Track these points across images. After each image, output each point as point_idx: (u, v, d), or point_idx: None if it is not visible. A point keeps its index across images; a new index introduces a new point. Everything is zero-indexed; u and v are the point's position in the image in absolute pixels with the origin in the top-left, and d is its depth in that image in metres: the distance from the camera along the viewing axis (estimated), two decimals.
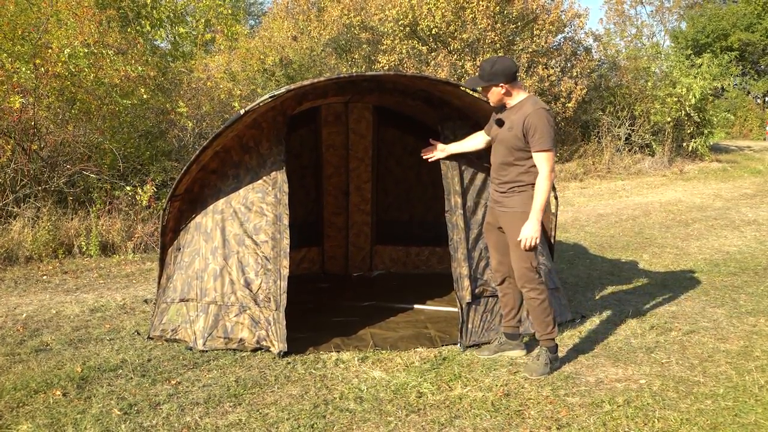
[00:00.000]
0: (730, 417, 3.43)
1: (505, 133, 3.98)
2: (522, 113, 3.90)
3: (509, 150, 3.97)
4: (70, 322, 5.09)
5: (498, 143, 4.07)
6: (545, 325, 4.01)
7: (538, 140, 3.83)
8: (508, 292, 4.25)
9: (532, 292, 3.99)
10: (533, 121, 3.83)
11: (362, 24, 16.49)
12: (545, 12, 16.47)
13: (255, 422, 3.36)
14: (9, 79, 7.78)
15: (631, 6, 31.32)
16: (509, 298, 4.25)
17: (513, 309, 4.26)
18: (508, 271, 4.17)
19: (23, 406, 3.55)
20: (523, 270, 3.97)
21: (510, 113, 3.99)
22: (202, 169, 4.69)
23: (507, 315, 4.30)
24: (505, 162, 4.02)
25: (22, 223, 7.40)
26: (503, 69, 3.93)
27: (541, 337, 4.05)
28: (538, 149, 3.84)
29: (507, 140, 3.96)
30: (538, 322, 4.03)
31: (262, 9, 30.79)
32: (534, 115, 3.84)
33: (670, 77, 17.95)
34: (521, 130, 3.87)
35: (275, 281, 4.35)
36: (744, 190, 13.70)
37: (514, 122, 3.93)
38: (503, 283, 4.25)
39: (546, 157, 3.84)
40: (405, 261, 6.95)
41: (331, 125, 6.67)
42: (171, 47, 12.36)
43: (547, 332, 4.02)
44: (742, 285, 6.15)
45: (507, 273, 4.18)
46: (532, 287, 3.98)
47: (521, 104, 3.96)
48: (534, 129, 3.82)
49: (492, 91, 4.00)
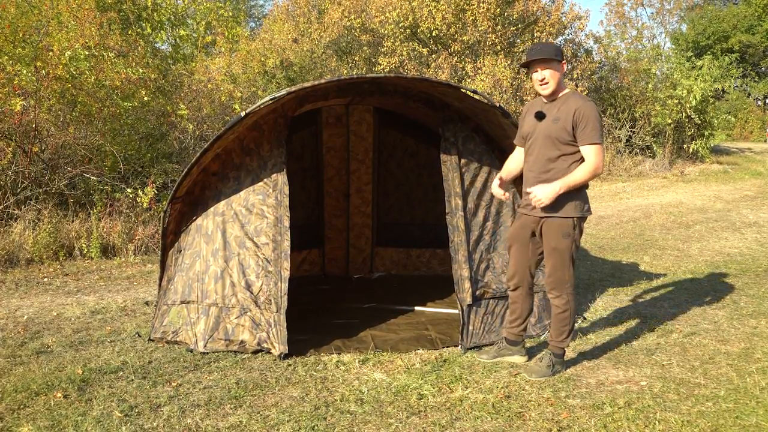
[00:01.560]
0: (731, 419, 3.42)
1: (550, 126, 3.77)
2: (570, 105, 3.74)
3: (553, 144, 3.76)
4: (71, 324, 5.10)
5: (537, 138, 3.84)
6: (560, 333, 3.96)
7: (590, 133, 3.68)
8: (517, 302, 4.13)
9: (559, 300, 3.90)
10: (585, 113, 3.68)
11: (363, 26, 16.52)
12: (546, 14, 16.50)
13: (256, 424, 3.36)
14: (10, 81, 7.79)
15: (631, 8, 31.38)
16: (518, 306, 4.14)
17: (519, 318, 4.15)
18: (522, 279, 4.05)
19: (24, 408, 3.55)
20: (556, 276, 3.86)
21: (553, 106, 3.82)
22: (203, 171, 4.70)
23: (512, 322, 4.19)
24: (548, 157, 3.79)
25: (23, 225, 7.41)
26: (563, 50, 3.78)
27: (552, 342, 4.01)
28: (590, 141, 3.69)
29: (553, 133, 3.75)
30: (555, 329, 3.97)
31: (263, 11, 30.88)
32: (586, 107, 3.70)
33: (671, 79, 17.96)
34: (570, 122, 3.70)
35: (276, 283, 4.35)
36: (745, 192, 13.69)
37: (561, 114, 3.75)
38: (516, 291, 4.12)
39: (597, 150, 3.69)
40: (405, 263, 6.95)
41: (331, 127, 6.67)
42: (172, 49, 12.37)
43: (560, 340, 3.97)
44: (743, 287, 6.15)
45: (521, 283, 4.06)
46: (560, 295, 3.89)
47: (567, 96, 3.81)
48: (586, 121, 3.68)
49: (555, 71, 3.76)
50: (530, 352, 4.30)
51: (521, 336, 4.21)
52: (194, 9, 12.16)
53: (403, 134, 6.81)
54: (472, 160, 4.79)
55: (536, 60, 3.77)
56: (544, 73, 3.77)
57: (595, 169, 3.71)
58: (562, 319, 3.93)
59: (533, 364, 4.03)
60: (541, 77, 3.79)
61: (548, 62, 3.76)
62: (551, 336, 4.02)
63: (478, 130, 4.93)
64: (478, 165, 4.77)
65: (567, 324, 3.94)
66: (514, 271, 4.09)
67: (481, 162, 4.79)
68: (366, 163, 6.80)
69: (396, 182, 6.96)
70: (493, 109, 4.59)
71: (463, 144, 4.81)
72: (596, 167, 3.71)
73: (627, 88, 18.26)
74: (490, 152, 4.86)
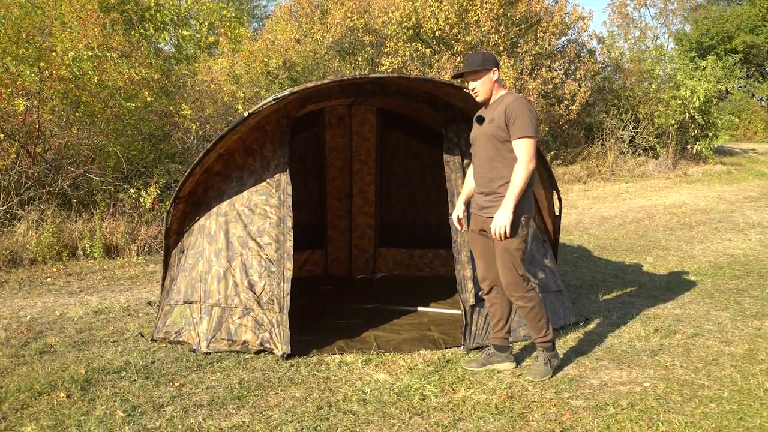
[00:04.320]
0: (734, 420, 3.41)
1: (487, 127, 3.85)
2: (503, 104, 3.81)
3: (492, 143, 3.83)
4: (74, 324, 5.10)
5: (480, 141, 3.92)
6: (539, 329, 3.95)
7: (519, 126, 3.72)
8: (496, 303, 4.10)
9: (521, 301, 3.89)
10: (515, 108, 3.74)
11: (365, 26, 16.52)
12: (549, 14, 16.48)
13: (258, 424, 3.36)
14: (13, 82, 7.81)
15: (635, 8, 31.33)
16: (496, 308, 4.12)
17: (501, 320, 4.12)
18: (494, 279, 4.03)
19: (27, 407, 3.55)
20: (510, 279, 3.85)
21: (490, 109, 3.89)
22: (206, 172, 4.70)
23: (495, 326, 4.16)
24: (488, 157, 3.87)
25: (26, 225, 7.42)
26: (492, 57, 3.91)
27: (537, 341, 4.00)
28: (519, 135, 3.72)
29: (489, 133, 3.83)
30: (532, 327, 3.98)
31: (266, 12, 30.90)
32: (516, 103, 3.76)
33: (674, 80, 17.94)
34: (503, 119, 3.76)
35: (279, 283, 4.35)
36: (748, 192, 13.66)
37: (495, 114, 3.82)
38: (490, 293, 4.10)
39: (526, 144, 3.71)
40: (408, 264, 6.95)
41: (334, 128, 6.68)
42: (175, 50, 12.41)
43: (542, 335, 3.97)
44: (747, 288, 6.13)
45: (494, 281, 4.05)
46: (521, 295, 3.88)
47: (502, 98, 3.88)
48: (515, 115, 3.72)
49: (484, 80, 3.87)
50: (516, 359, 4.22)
51: (507, 339, 4.17)
52: (197, 10, 12.19)
53: (406, 135, 6.81)
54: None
55: (467, 72, 3.92)
56: (473, 83, 3.93)
57: (527, 165, 3.69)
58: (534, 315, 3.92)
59: (532, 365, 4.00)
60: (471, 87, 3.97)
61: (475, 73, 3.89)
62: (533, 335, 4.02)
63: None
64: None
65: (541, 318, 3.93)
66: (484, 273, 4.08)
67: None
68: (369, 163, 6.80)
69: (398, 183, 6.96)
70: None
71: (466, 144, 4.79)
72: (527, 162, 3.71)
73: (630, 88, 18.25)
74: None
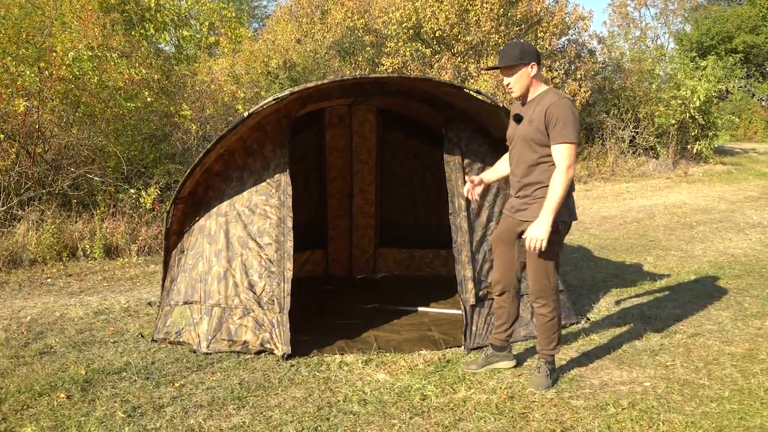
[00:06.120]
0: (735, 420, 3.41)
1: (525, 128, 3.65)
2: (543, 104, 3.59)
3: (530, 146, 3.64)
4: (74, 324, 5.10)
5: (517, 142, 3.73)
6: (549, 342, 3.85)
7: (560, 131, 3.50)
8: (504, 306, 4.02)
9: (544, 308, 3.78)
10: (556, 111, 3.52)
11: (366, 27, 16.53)
12: (549, 14, 16.47)
13: (259, 425, 3.36)
14: (13, 82, 7.81)
15: (635, 8, 31.30)
16: (504, 311, 4.04)
17: (506, 323, 4.06)
18: (508, 284, 3.95)
19: (27, 408, 3.55)
20: (540, 284, 3.73)
21: (529, 107, 3.69)
22: (206, 172, 4.70)
23: (498, 327, 4.09)
24: (525, 161, 3.68)
25: (26, 226, 7.42)
26: (532, 49, 3.65)
27: (543, 351, 3.88)
28: (560, 141, 3.50)
29: (527, 135, 3.63)
30: (543, 337, 3.85)
31: (266, 12, 30.90)
32: (557, 105, 3.54)
33: (675, 80, 17.93)
34: (543, 122, 3.56)
35: (279, 284, 4.35)
36: (749, 192, 13.65)
37: (534, 115, 3.61)
38: (502, 296, 4.01)
39: (566, 150, 3.50)
40: (409, 264, 6.94)
41: (334, 128, 6.67)
42: (175, 50, 12.40)
43: (549, 348, 3.86)
44: (747, 288, 6.13)
45: (508, 287, 3.96)
46: (545, 303, 3.77)
47: (541, 96, 3.66)
48: (557, 119, 3.51)
49: (521, 74, 3.65)
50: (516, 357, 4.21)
51: (507, 341, 4.12)
52: (197, 10, 12.19)
53: (407, 135, 6.81)
54: (475, 160, 4.79)
55: (502, 66, 3.70)
56: (508, 79, 3.71)
57: (566, 173, 3.50)
58: (550, 327, 3.81)
59: (534, 377, 3.88)
60: (506, 83, 3.75)
61: (511, 68, 3.68)
62: (540, 345, 3.89)
63: (481, 130, 4.92)
64: (482, 165, 4.77)
65: (555, 331, 3.83)
66: (500, 275, 3.97)
67: (484, 162, 4.78)
68: (369, 163, 6.80)
69: (399, 183, 6.95)
70: (497, 110, 4.59)
71: (467, 144, 4.81)
72: (567, 169, 3.50)
73: (630, 88, 18.23)
74: (494, 153, 4.85)
